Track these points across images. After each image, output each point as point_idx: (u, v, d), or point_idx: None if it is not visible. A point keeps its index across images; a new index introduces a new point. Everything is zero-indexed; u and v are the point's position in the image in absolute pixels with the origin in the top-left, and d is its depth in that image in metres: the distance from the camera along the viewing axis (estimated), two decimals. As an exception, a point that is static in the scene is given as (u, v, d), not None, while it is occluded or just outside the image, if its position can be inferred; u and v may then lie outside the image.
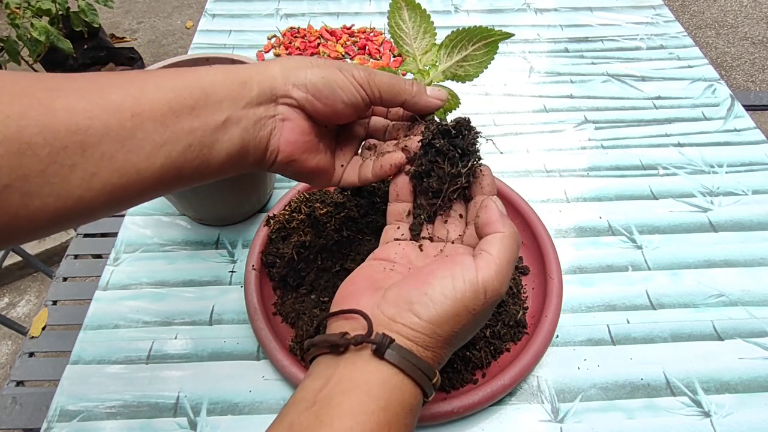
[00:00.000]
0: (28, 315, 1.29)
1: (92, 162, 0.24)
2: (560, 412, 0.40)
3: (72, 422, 0.40)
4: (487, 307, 0.29)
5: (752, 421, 0.40)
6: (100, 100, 0.24)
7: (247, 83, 0.29)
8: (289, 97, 0.30)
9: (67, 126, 0.23)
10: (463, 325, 0.28)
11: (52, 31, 1.27)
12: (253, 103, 0.29)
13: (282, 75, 0.30)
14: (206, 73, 0.28)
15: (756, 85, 1.88)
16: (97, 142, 0.24)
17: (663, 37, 0.78)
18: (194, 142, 0.27)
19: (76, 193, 0.23)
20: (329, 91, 0.30)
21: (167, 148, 0.26)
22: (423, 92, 0.33)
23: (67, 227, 0.26)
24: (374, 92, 0.31)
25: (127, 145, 0.24)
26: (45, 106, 0.23)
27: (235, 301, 0.47)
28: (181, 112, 0.26)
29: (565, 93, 0.69)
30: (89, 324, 0.46)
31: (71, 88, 0.24)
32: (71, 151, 0.23)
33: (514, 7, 0.85)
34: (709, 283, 0.49)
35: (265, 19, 0.83)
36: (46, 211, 0.23)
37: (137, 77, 0.26)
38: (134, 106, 0.25)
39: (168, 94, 0.26)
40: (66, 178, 0.23)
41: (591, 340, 0.45)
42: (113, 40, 1.82)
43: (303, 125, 0.31)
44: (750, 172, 0.59)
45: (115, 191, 0.25)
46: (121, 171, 0.24)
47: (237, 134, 0.28)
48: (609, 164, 0.60)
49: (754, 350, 0.44)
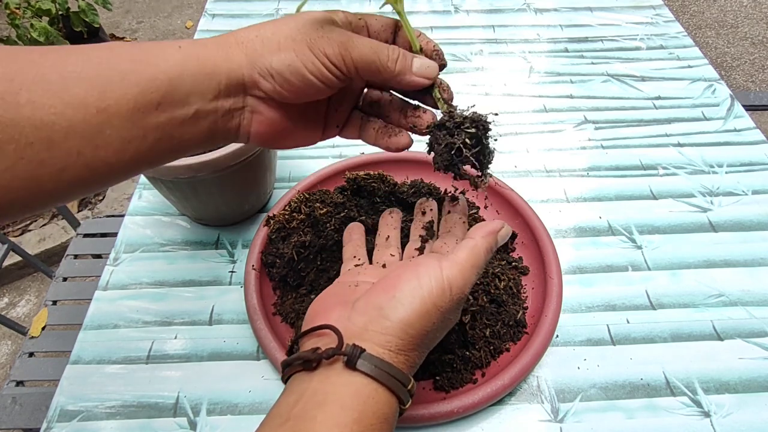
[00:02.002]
0: (28, 315, 1.29)
1: (60, 158, 0.23)
2: (560, 412, 0.40)
3: (72, 422, 0.40)
4: (454, 306, 0.29)
5: (752, 421, 0.40)
6: (65, 95, 0.23)
7: (214, 74, 0.27)
8: (257, 89, 0.28)
9: (32, 122, 0.22)
10: (433, 323, 0.29)
11: (52, 31, 1.27)
12: (221, 96, 0.28)
13: (248, 63, 0.28)
14: (170, 59, 0.26)
15: (756, 85, 1.88)
16: (64, 138, 0.23)
17: (663, 37, 0.78)
18: (163, 136, 0.26)
19: (47, 187, 0.23)
20: (297, 78, 0.27)
21: (136, 143, 0.25)
22: (408, 69, 0.30)
23: (40, 212, 0.26)
24: (350, 70, 0.28)
25: (94, 141, 0.24)
26: (7, 100, 0.22)
27: (234, 301, 0.47)
28: (148, 109, 0.25)
29: (565, 93, 0.69)
30: (89, 324, 0.46)
31: (31, 79, 0.23)
32: (38, 148, 0.22)
33: (514, 7, 0.85)
34: (709, 283, 0.49)
35: (265, 19, 0.83)
36: (16, 204, 0.23)
37: (101, 62, 0.25)
38: (99, 101, 0.24)
39: (133, 88, 0.25)
40: (35, 174, 0.23)
41: (591, 340, 0.45)
42: (113, 40, 1.82)
43: (273, 116, 0.30)
44: (750, 172, 0.59)
45: (86, 183, 0.25)
46: (90, 166, 0.24)
47: (205, 126, 0.28)
48: (609, 164, 0.60)
49: (754, 350, 0.44)
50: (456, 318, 0.31)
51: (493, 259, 0.46)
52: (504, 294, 0.43)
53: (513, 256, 0.48)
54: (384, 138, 0.33)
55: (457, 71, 0.72)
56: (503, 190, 0.51)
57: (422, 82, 0.30)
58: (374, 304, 0.29)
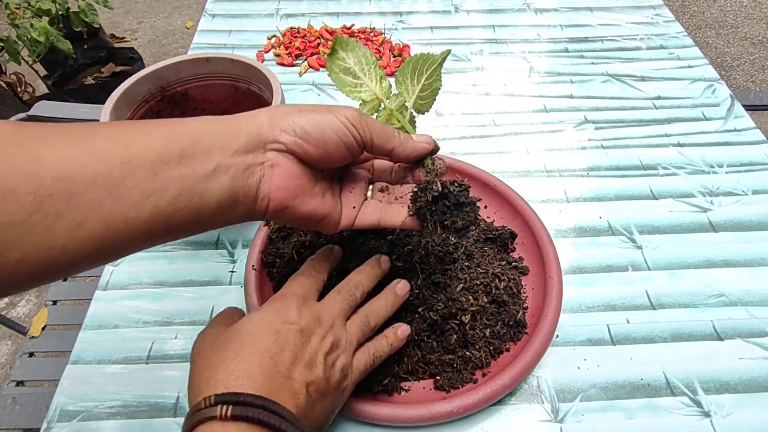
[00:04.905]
0: (28, 315, 1.29)
1: (78, 210, 0.23)
2: (560, 412, 0.40)
3: (72, 422, 0.40)
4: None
5: (752, 421, 0.40)
6: (89, 148, 0.23)
7: (236, 131, 0.28)
8: (278, 142, 0.29)
9: (54, 173, 0.22)
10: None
11: (52, 31, 1.27)
12: (241, 151, 0.28)
13: (269, 121, 0.29)
14: (196, 122, 0.28)
15: (756, 85, 1.88)
16: (85, 189, 0.23)
17: (663, 37, 0.78)
18: (183, 191, 0.26)
19: (59, 243, 0.22)
20: (318, 132, 0.30)
21: (156, 197, 0.25)
22: (410, 138, 0.34)
23: (48, 281, 0.24)
24: (366, 134, 0.31)
25: (115, 192, 0.24)
26: (31, 153, 0.22)
27: (235, 301, 0.47)
28: (171, 160, 0.25)
29: (565, 93, 0.69)
30: (89, 324, 0.46)
31: (59, 136, 0.23)
32: (57, 199, 0.22)
33: (514, 7, 0.85)
34: (708, 283, 0.49)
35: (265, 19, 0.83)
36: (25, 264, 0.22)
37: (127, 126, 0.26)
38: (123, 154, 0.24)
39: (158, 141, 0.25)
40: (49, 228, 0.22)
41: (591, 340, 0.45)
42: (113, 40, 1.82)
43: (293, 169, 0.30)
44: (750, 172, 0.59)
45: (101, 241, 0.24)
46: (108, 220, 0.24)
47: (227, 182, 0.28)
48: (609, 164, 0.60)
49: (754, 350, 0.44)
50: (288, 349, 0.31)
51: (493, 260, 0.46)
52: (504, 294, 0.43)
53: (513, 256, 0.48)
54: (389, 211, 0.36)
55: (457, 71, 0.72)
56: (503, 190, 0.51)
57: (424, 146, 0.34)
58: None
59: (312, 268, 0.37)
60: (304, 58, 0.75)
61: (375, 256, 0.40)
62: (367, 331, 0.36)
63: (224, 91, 0.56)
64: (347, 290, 0.36)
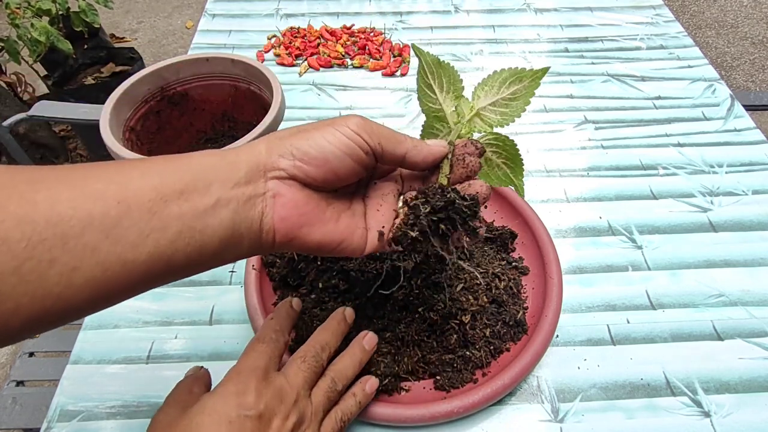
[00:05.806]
0: (28, 315, 1.29)
1: (73, 255, 0.21)
2: (560, 412, 0.40)
3: (72, 422, 0.40)
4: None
5: (752, 421, 0.40)
6: (84, 188, 0.23)
7: (237, 163, 0.27)
8: (277, 169, 0.27)
9: (48, 217, 0.21)
10: None
11: (52, 31, 1.27)
12: (242, 183, 0.27)
13: (267, 148, 0.28)
14: (197, 157, 0.27)
15: (756, 85, 1.88)
16: (80, 232, 0.22)
17: (663, 37, 0.78)
18: (184, 228, 0.24)
19: (54, 291, 0.21)
20: (317, 150, 0.27)
21: (155, 236, 0.24)
22: (423, 143, 0.31)
23: (42, 331, 0.23)
24: (374, 141, 0.29)
25: (112, 234, 0.22)
26: (25, 198, 0.21)
27: (235, 301, 0.47)
28: (169, 197, 0.24)
29: (565, 93, 0.69)
30: (89, 324, 0.46)
31: (54, 178, 0.22)
32: (50, 244, 0.21)
33: (514, 7, 0.85)
34: (709, 283, 0.49)
35: (265, 19, 0.83)
36: (19, 314, 0.21)
37: (122, 165, 0.25)
38: (119, 193, 0.23)
39: (155, 178, 0.24)
40: (43, 275, 0.21)
41: (591, 340, 0.45)
42: (113, 40, 1.82)
43: (297, 197, 0.28)
44: (750, 172, 0.59)
45: (98, 287, 0.23)
46: (105, 264, 0.22)
47: (227, 217, 0.26)
48: (609, 164, 0.60)
49: (754, 350, 0.44)
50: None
51: (493, 259, 0.46)
52: (504, 294, 0.43)
53: (513, 256, 0.48)
54: None
55: (457, 71, 0.72)
56: (503, 190, 0.51)
57: (439, 150, 0.32)
58: None
59: (271, 331, 0.34)
60: (304, 58, 0.75)
61: (339, 309, 0.38)
62: (334, 397, 0.34)
63: (224, 91, 0.56)
64: (312, 356, 0.34)
